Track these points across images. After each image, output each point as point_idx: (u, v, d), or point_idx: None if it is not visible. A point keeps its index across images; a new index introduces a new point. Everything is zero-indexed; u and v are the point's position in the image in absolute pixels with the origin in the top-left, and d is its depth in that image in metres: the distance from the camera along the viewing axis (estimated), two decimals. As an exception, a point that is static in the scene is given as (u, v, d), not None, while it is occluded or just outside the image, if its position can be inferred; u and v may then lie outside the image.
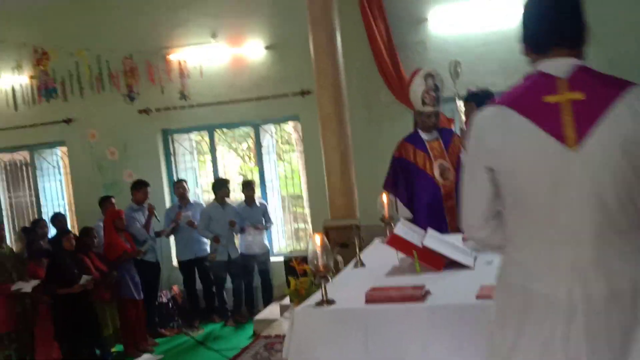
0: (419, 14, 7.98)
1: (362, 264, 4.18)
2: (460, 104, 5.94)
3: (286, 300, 7.21)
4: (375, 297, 3.22)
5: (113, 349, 7.22)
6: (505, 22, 7.56)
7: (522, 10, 2.18)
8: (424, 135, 5.42)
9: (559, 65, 2.07)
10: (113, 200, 8.23)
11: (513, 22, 7.42)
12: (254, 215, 8.24)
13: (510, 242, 2.19)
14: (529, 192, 2.04)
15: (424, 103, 5.30)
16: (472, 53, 7.79)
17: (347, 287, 3.64)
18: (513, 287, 2.16)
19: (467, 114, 6.77)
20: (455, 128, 7.19)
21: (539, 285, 2.06)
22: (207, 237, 8.22)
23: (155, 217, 8.02)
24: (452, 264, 3.74)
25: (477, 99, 6.64)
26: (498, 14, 7.59)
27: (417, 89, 5.31)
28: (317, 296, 3.42)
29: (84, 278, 6.58)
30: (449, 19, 7.85)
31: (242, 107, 8.72)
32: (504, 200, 2.15)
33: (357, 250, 4.26)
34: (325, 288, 3.30)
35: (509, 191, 2.11)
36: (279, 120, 9.12)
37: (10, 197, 10.27)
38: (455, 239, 4.41)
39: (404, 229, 3.88)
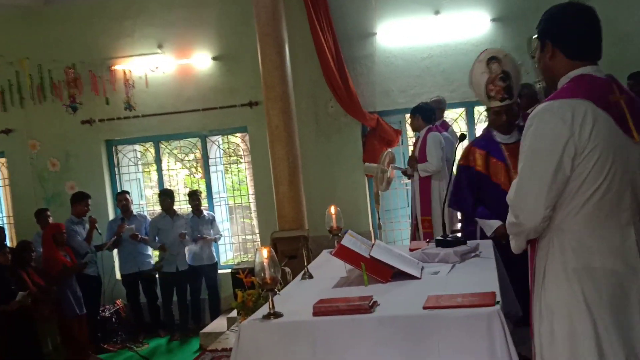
0: (368, 29, 8.06)
1: (311, 276, 4.15)
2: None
3: (233, 313, 7.12)
4: (322, 309, 3.20)
5: (54, 366, 6.99)
6: (450, 36, 7.73)
7: (561, 21, 2.43)
8: (499, 138, 4.45)
9: (600, 72, 2.40)
10: (48, 212, 8.00)
11: (457, 36, 7.63)
12: (202, 225, 8.13)
13: (579, 228, 2.34)
14: (607, 178, 2.28)
15: (489, 97, 4.26)
16: (418, 66, 7.92)
17: (295, 299, 3.61)
18: (590, 271, 2.31)
19: (412, 125, 6.91)
20: (404, 141, 7.31)
21: (614, 265, 2.30)
22: (154, 248, 8.06)
23: (97, 230, 7.83)
24: (399, 275, 3.75)
25: (422, 112, 6.78)
26: (443, 29, 7.74)
27: (480, 78, 4.25)
28: (264, 309, 3.37)
29: (20, 294, 6.35)
30: (396, 33, 7.94)
31: (188, 118, 8.62)
32: (578, 187, 2.29)
33: (305, 262, 4.24)
34: (272, 301, 3.27)
35: (589, 177, 2.27)
36: (226, 132, 9.04)
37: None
38: (402, 249, 4.44)
39: (352, 240, 3.87)
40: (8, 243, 8.21)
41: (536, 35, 2.57)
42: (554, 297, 2.36)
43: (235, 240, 9.90)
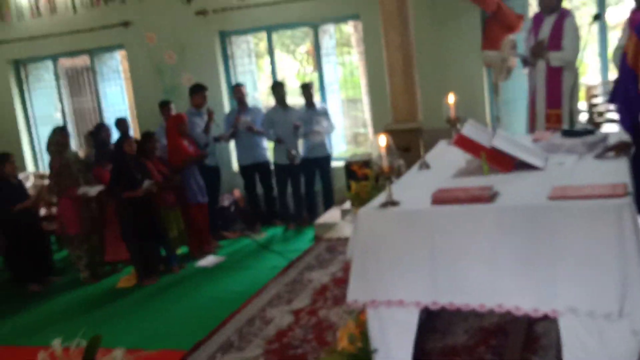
0: None
1: (427, 166, 4.06)
2: None
3: (347, 205, 7.19)
4: (442, 197, 3.11)
5: (178, 250, 7.39)
6: None
7: None
8: None
9: None
10: (172, 105, 8.22)
11: None
12: (315, 117, 8.10)
13: None
14: None
15: None
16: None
17: (412, 189, 3.54)
18: None
19: (546, 3, 6.28)
20: (525, 26, 6.76)
21: None
22: (271, 139, 8.17)
23: (215, 121, 7.99)
24: (522, 166, 3.58)
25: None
26: None
27: None
28: (381, 198, 3.33)
29: (147, 182, 6.66)
30: None
31: (299, 6, 8.44)
32: None
33: (422, 151, 4.14)
34: (390, 189, 3.21)
35: None
36: (338, 20, 8.82)
37: (72, 103, 10.42)
38: (525, 139, 4.23)
39: (472, 129, 3.71)
40: (131, 134, 8.59)
41: None
42: None
43: (348, 133, 9.84)
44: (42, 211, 7.88)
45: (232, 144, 8.77)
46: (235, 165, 8.96)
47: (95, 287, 6.89)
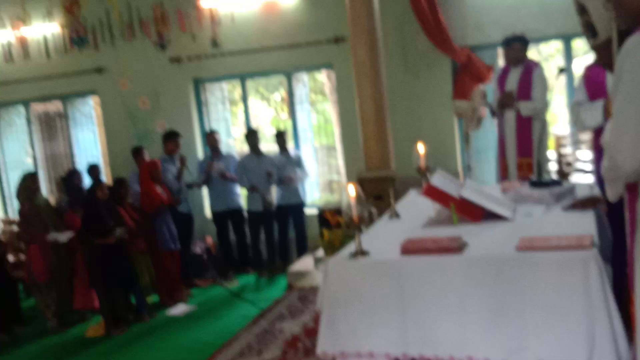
0: (459, -43, 7.66)
1: (397, 216, 4.07)
2: None
3: (320, 252, 7.16)
4: (411, 248, 3.12)
5: (149, 299, 7.28)
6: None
7: None
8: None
9: None
10: (145, 151, 8.20)
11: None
12: (289, 165, 8.14)
13: None
14: None
15: None
16: (513, -3, 7.49)
17: (382, 238, 3.55)
18: None
19: (511, 57, 6.45)
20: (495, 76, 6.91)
21: None
22: (244, 186, 8.17)
23: (187, 167, 7.98)
24: (490, 216, 3.60)
25: (526, 42, 6.38)
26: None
27: None
28: (351, 248, 3.33)
29: (119, 230, 6.59)
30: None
31: (274, 55, 8.54)
32: None
33: (392, 201, 4.16)
34: (359, 239, 3.21)
35: None
36: (312, 68, 8.94)
37: (44, 148, 10.33)
38: (493, 189, 4.28)
39: (442, 179, 3.74)
40: (104, 179, 8.52)
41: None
42: None
43: (322, 180, 9.88)
44: (10, 258, 7.73)
45: (205, 191, 8.74)
46: (208, 212, 8.92)
47: (63, 337, 6.74)
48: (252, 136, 8.23)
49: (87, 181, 7.82)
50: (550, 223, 3.44)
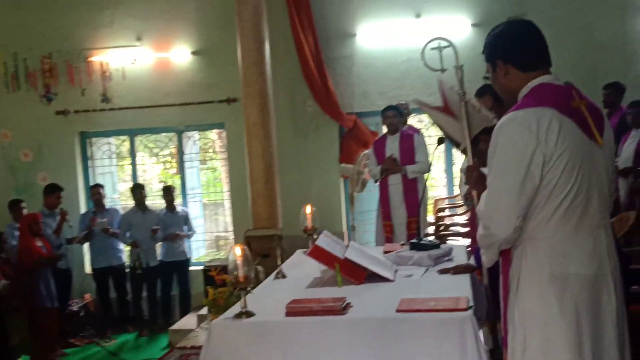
0: (348, 29, 8.07)
1: (284, 276, 4.13)
2: None
3: (204, 311, 7.06)
4: (295, 310, 3.17)
5: (18, 360, 6.88)
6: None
7: (505, 37, 2.47)
8: None
9: (557, 79, 2.42)
10: (23, 204, 7.86)
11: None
12: (175, 221, 8.06)
13: (552, 234, 2.32)
14: (576, 183, 2.28)
15: None
16: (397, 69, 7.93)
17: (268, 299, 3.59)
18: (565, 277, 2.30)
19: (392, 125, 6.81)
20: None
21: (589, 269, 2.31)
22: (126, 243, 7.98)
23: (67, 222, 7.71)
24: (373, 277, 3.74)
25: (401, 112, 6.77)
26: (424, 32, 7.73)
27: None
28: (235, 308, 3.34)
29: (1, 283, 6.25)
30: (376, 34, 7.95)
31: (165, 112, 8.54)
32: (549, 194, 2.28)
33: (279, 261, 4.22)
34: (244, 300, 3.24)
35: (559, 184, 2.27)
36: (203, 127, 8.99)
37: None
38: (376, 251, 4.44)
39: (327, 240, 3.85)
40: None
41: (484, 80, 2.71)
42: (528, 306, 2.34)
43: (209, 237, 9.82)
44: None
45: (86, 246, 8.44)
46: (88, 268, 8.60)
47: None
48: (137, 191, 8.11)
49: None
50: (429, 284, 3.61)
